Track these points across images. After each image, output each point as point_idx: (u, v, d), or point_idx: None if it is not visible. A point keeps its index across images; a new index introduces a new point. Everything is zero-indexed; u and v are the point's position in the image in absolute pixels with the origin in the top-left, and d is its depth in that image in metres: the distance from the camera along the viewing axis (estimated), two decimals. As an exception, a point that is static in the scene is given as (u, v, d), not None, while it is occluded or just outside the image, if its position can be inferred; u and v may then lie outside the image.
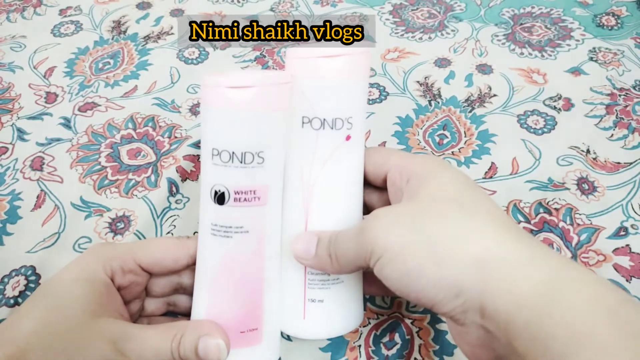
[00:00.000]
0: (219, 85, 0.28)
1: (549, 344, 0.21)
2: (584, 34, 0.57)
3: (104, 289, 0.30)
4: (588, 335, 0.21)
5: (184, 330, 0.29)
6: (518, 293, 0.23)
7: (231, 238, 0.30)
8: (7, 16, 0.63)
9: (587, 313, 0.21)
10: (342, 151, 0.31)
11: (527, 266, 0.23)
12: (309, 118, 0.30)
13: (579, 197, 0.42)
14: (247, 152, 0.28)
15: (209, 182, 0.29)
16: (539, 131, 0.48)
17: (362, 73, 0.31)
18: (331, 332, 0.33)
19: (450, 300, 0.24)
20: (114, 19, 0.62)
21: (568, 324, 0.21)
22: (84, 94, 0.53)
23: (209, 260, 0.31)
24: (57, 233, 0.42)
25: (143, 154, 0.47)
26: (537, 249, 0.25)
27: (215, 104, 0.28)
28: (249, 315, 0.31)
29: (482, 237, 0.25)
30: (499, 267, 0.24)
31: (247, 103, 0.28)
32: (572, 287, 0.22)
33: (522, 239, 0.25)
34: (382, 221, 0.27)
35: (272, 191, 0.30)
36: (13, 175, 0.46)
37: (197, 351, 0.28)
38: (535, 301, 0.22)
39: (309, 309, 0.32)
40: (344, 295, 0.32)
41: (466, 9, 0.61)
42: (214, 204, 0.29)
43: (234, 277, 0.30)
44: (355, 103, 0.31)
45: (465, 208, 0.26)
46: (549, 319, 0.21)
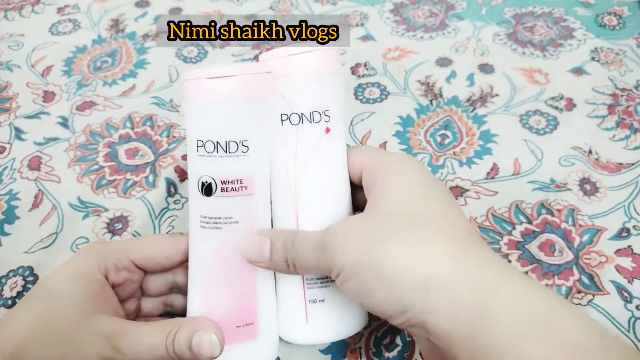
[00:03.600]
0: (200, 77, 0.28)
1: (483, 357, 0.23)
2: (585, 33, 0.57)
3: (98, 287, 0.30)
4: (517, 348, 0.22)
5: (179, 326, 0.29)
6: (456, 310, 0.24)
7: (221, 229, 0.30)
8: (5, 14, 0.63)
9: (515, 328, 0.23)
10: (323, 144, 0.31)
11: (465, 283, 0.25)
12: (287, 114, 0.31)
13: (581, 197, 0.42)
14: (231, 141, 0.29)
15: (196, 174, 0.30)
16: (541, 131, 0.47)
17: (333, 67, 0.32)
18: (335, 335, 0.33)
19: (398, 316, 0.26)
20: (112, 17, 0.62)
21: (498, 340, 0.23)
22: (82, 93, 0.52)
23: (201, 253, 0.31)
24: (55, 233, 0.41)
25: (141, 153, 0.47)
26: (479, 264, 0.26)
27: (197, 96, 0.29)
28: (244, 309, 0.30)
29: (426, 258, 0.26)
30: (439, 286, 0.25)
31: (228, 92, 0.28)
32: (505, 302, 0.24)
33: (468, 254, 0.26)
34: (340, 239, 0.28)
35: (259, 180, 0.30)
36: (11, 175, 0.45)
37: (191, 346, 0.28)
38: (470, 318, 0.24)
39: (310, 311, 0.32)
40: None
41: (467, 8, 0.61)
42: (201, 196, 0.29)
43: (226, 268, 0.30)
44: (330, 96, 0.31)
45: (416, 225, 0.27)
46: (483, 333, 0.23)
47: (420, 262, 0.26)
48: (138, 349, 0.28)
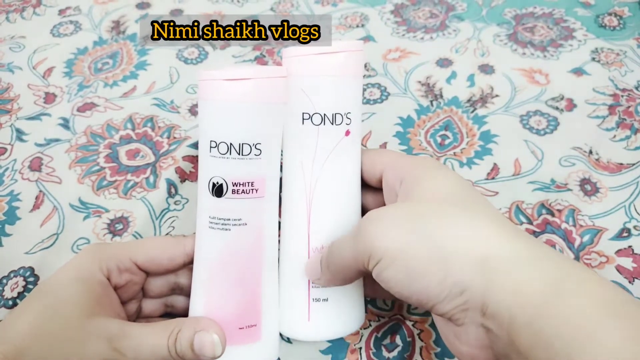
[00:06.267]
0: (216, 79, 0.28)
1: (552, 342, 0.21)
2: (586, 34, 0.57)
3: (100, 288, 0.30)
4: (591, 335, 0.20)
5: (180, 327, 0.29)
6: (521, 291, 0.23)
7: (229, 231, 0.30)
8: (7, 16, 0.63)
9: (590, 312, 0.21)
10: (343, 146, 0.31)
11: (530, 265, 0.23)
12: (310, 114, 0.31)
13: (582, 198, 0.42)
14: (245, 144, 0.29)
15: (207, 175, 0.30)
16: (541, 132, 0.47)
17: (358, 69, 0.32)
18: (335, 333, 0.33)
19: (453, 298, 0.24)
20: (113, 19, 0.62)
21: (571, 323, 0.21)
22: (83, 94, 0.52)
23: (207, 254, 0.31)
24: (56, 234, 0.41)
25: (142, 154, 0.47)
26: (538, 249, 0.25)
27: (213, 97, 0.29)
28: (247, 311, 0.30)
29: (484, 235, 0.25)
30: (502, 266, 0.24)
31: (244, 95, 0.28)
32: (576, 286, 0.22)
33: (522, 238, 0.25)
34: (378, 223, 0.27)
35: (270, 183, 0.30)
36: (12, 176, 0.45)
37: (192, 347, 0.28)
38: (538, 299, 0.22)
39: (313, 309, 0.32)
40: (347, 293, 0.32)
41: (468, 9, 0.61)
42: (212, 197, 0.30)
43: (232, 271, 0.30)
44: (352, 98, 0.31)
45: (464, 207, 0.26)
46: (553, 317, 0.21)
47: (481, 241, 0.24)
48: (139, 349, 0.28)
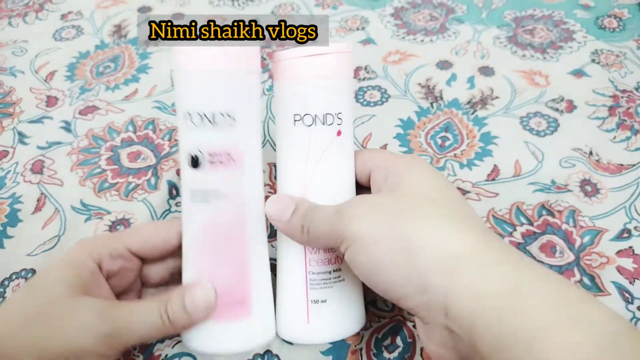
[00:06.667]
0: (187, 49, 0.29)
1: (510, 344, 0.21)
2: (585, 36, 0.57)
3: (89, 275, 0.30)
4: (548, 335, 0.21)
5: (171, 294, 0.29)
6: (482, 295, 0.23)
7: (210, 203, 0.30)
8: (9, 21, 0.63)
9: (547, 313, 0.22)
10: (335, 146, 0.31)
11: (494, 268, 0.24)
12: (301, 115, 0.31)
13: (582, 199, 0.42)
14: (217, 112, 0.29)
15: (185, 147, 0.30)
16: (541, 133, 0.47)
17: (348, 70, 0.32)
18: (335, 335, 0.33)
19: (417, 295, 0.25)
20: (115, 23, 0.62)
21: (529, 325, 0.21)
22: (85, 98, 0.53)
23: (191, 228, 0.31)
24: (57, 236, 0.41)
25: (143, 156, 0.47)
26: (503, 251, 0.25)
27: (184, 67, 0.29)
28: (234, 286, 0.30)
29: (455, 236, 0.25)
30: (467, 269, 0.24)
31: (214, 63, 0.28)
32: (534, 288, 0.23)
33: (491, 241, 0.25)
34: (358, 209, 0.27)
35: (248, 154, 0.30)
36: (14, 179, 0.45)
37: (185, 307, 0.28)
38: (498, 303, 0.23)
39: (312, 310, 0.32)
40: (346, 295, 0.32)
41: (467, 12, 0.61)
42: (190, 169, 0.30)
43: (215, 243, 0.30)
44: (343, 99, 0.31)
45: (441, 206, 0.27)
46: (510, 320, 0.22)
47: (449, 241, 0.25)
48: (130, 318, 0.28)
